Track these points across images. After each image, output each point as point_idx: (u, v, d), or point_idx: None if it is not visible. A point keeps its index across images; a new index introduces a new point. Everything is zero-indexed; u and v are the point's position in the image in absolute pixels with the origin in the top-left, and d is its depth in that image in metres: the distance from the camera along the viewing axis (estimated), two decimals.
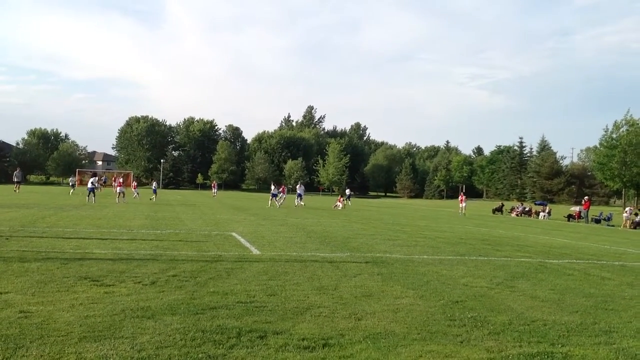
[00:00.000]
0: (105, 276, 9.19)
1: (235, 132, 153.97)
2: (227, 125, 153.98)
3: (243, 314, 7.08)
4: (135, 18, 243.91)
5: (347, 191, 51.94)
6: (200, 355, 5.45)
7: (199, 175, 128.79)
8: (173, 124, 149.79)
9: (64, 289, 8.13)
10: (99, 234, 16.08)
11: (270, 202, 42.85)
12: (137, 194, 48.38)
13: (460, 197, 47.06)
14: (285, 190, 47.79)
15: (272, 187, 44.27)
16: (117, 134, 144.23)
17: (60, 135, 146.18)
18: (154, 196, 47.20)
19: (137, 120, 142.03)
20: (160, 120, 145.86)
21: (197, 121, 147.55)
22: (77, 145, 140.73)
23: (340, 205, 44.37)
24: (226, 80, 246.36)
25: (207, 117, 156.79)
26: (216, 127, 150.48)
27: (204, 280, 9.19)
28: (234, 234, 17.77)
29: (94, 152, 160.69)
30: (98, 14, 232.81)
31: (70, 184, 59.10)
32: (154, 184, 53.31)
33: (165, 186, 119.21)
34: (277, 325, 6.61)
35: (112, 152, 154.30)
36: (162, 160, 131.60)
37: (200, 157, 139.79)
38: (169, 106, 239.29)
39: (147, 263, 10.75)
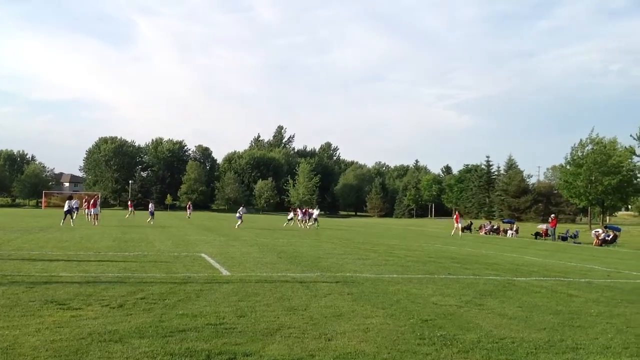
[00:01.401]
0: (72, 299, 9.04)
1: (204, 153, 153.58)
2: (196, 145, 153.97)
3: (212, 336, 7.02)
4: (103, 39, 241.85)
5: (301, 211, 50.66)
6: None
7: (168, 195, 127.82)
8: (142, 144, 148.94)
9: (30, 313, 7.98)
10: (66, 256, 15.81)
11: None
12: (96, 216, 42.49)
13: (455, 216, 45.78)
14: (301, 213, 46.91)
15: (241, 208, 42.07)
16: (85, 155, 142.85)
17: (27, 156, 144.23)
18: (150, 218, 43.16)
19: (105, 141, 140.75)
20: (129, 141, 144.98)
21: (166, 141, 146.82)
22: (44, 166, 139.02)
23: (308, 225, 44.37)
24: (196, 100, 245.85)
25: (176, 137, 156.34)
26: (185, 148, 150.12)
27: (173, 303, 9.10)
28: (203, 254, 17.64)
29: (60, 174, 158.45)
30: (66, 35, 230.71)
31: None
32: (151, 205, 47.30)
33: (135, 208, 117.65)
34: (246, 347, 6.56)
35: (80, 174, 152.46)
36: (130, 181, 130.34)
37: (169, 177, 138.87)
38: (139, 127, 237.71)
39: (114, 285, 10.61)
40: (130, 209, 55.72)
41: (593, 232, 42.96)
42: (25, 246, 18.67)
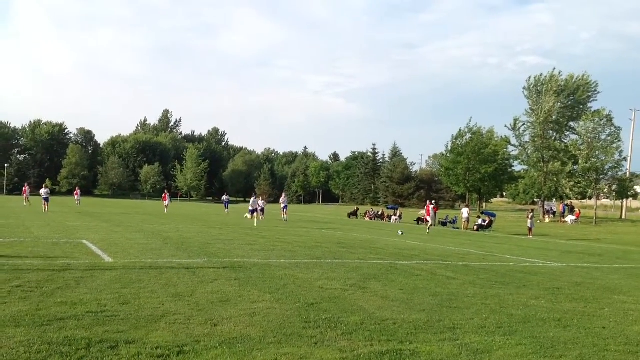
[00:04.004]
0: None
1: (87, 136, 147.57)
2: (78, 128, 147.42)
3: (93, 324, 6.81)
4: None
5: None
6: None
7: (48, 180, 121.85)
8: (19, 126, 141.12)
9: None
10: None
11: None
12: None
13: (426, 207, 37.45)
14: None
15: (253, 199, 35.02)
16: None
17: None
18: (45, 205, 39.54)
19: None
20: (4, 122, 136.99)
21: (45, 124, 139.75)
22: None
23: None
24: (78, 81, 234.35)
25: (56, 119, 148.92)
26: (66, 130, 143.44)
27: (51, 290, 8.74)
28: (84, 241, 17.01)
29: None
30: None
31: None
32: (44, 190, 41.78)
33: (10, 192, 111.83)
34: (129, 335, 6.42)
35: None
36: (6, 165, 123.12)
37: (48, 161, 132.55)
38: (16, 109, 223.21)
39: None
40: (24, 195, 51.46)
41: (464, 212, 44.04)
42: None
